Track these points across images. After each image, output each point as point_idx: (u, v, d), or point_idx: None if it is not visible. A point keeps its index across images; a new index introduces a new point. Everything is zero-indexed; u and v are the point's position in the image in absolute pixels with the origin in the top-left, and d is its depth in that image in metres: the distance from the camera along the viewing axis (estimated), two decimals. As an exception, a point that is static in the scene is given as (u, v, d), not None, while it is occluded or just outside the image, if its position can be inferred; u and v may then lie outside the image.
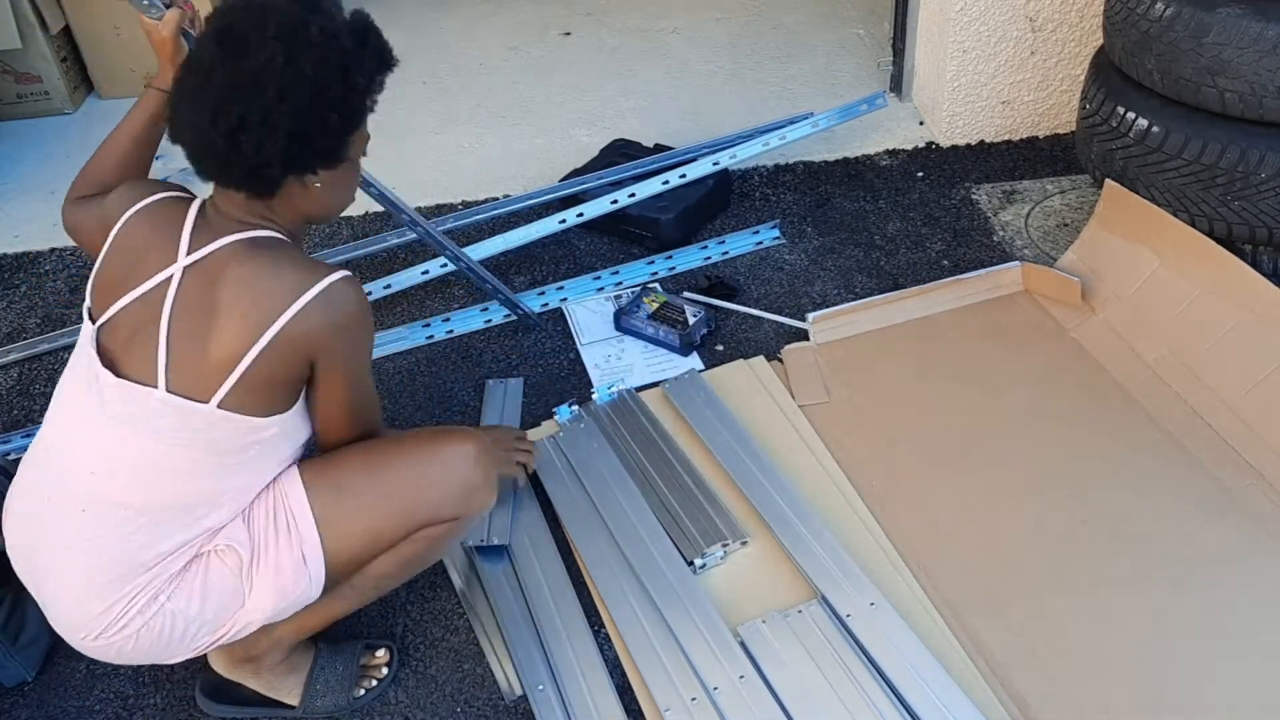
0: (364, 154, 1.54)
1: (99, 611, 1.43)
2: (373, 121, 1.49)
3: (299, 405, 1.49)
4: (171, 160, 3.21)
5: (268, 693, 1.68)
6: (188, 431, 1.39)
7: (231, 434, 1.41)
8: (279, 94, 1.34)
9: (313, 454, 1.58)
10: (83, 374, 1.45)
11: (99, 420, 1.42)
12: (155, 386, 1.38)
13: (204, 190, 1.53)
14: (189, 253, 1.42)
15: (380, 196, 1.99)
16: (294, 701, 1.68)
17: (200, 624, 1.48)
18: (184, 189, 1.56)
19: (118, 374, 1.41)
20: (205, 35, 1.39)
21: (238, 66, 1.34)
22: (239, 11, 1.37)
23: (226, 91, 1.34)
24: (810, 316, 2.31)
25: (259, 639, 1.60)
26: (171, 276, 1.41)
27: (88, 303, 1.50)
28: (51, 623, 1.49)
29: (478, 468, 1.58)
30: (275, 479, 1.52)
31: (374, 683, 1.72)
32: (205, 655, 1.67)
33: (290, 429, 1.49)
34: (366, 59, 1.43)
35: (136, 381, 1.39)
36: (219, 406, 1.39)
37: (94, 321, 1.46)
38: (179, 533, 1.43)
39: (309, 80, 1.35)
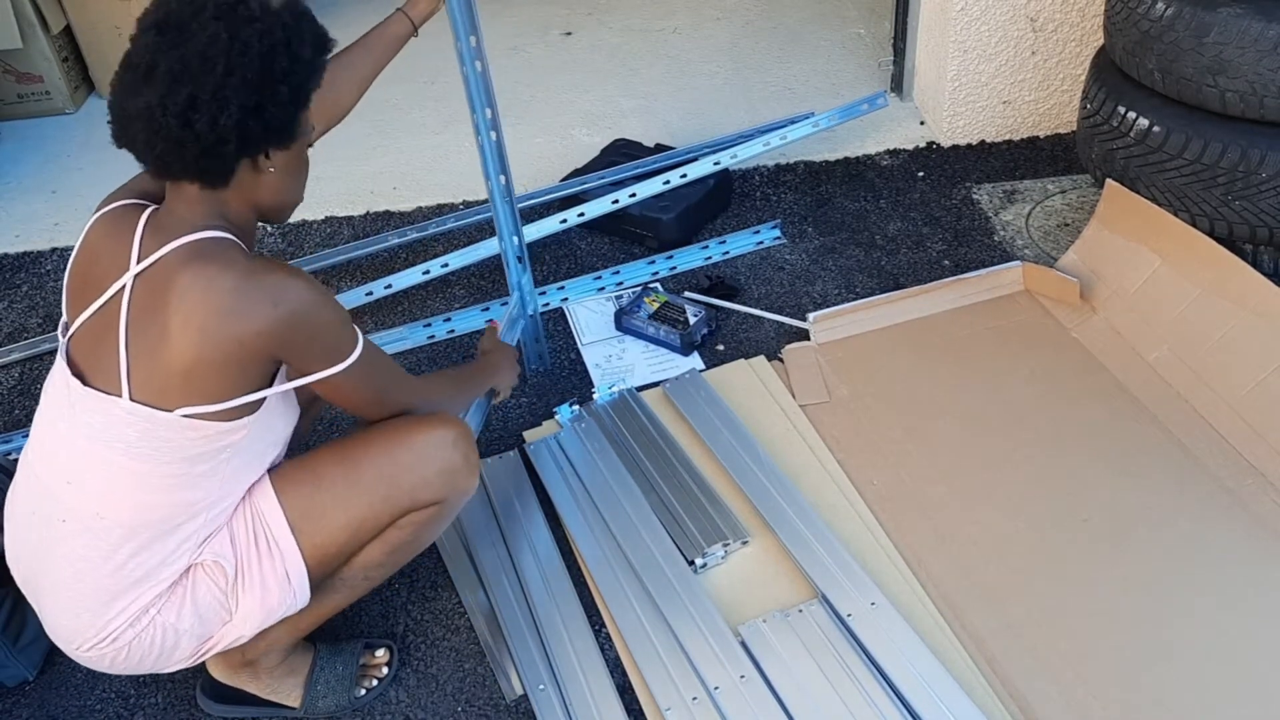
0: (311, 144, 1.53)
1: (89, 623, 1.43)
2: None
3: (269, 405, 1.46)
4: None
5: (269, 696, 1.68)
6: (153, 440, 1.37)
7: (197, 440, 1.39)
8: (227, 68, 1.32)
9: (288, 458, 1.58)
10: (59, 383, 1.44)
11: (71, 430, 1.41)
12: (120, 395, 1.36)
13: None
14: (139, 259, 1.39)
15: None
16: (295, 703, 1.69)
17: (190, 636, 1.48)
18: (145, 198, 1.50)
19: (85, 383, 1.39)
20: (142, 29, 1.36)
21: (183, 50, 1.32)
22: (174, 1, 1.36)
23: (174, 74, 1.32)
24: (811, 316, 2.31)
25: (255, 643, 1.60)
26: (125, 286, 1.38)
27: (64, 313, 1.48)
28: (47, 631, 1.49)
29: (456, 450, 1.57)
30: (250, 495, 1.51)
31: (374, 682, 1.72)
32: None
33: (260, 430, 1.46)
34: (305, 34, 1.42)
35: (102, 391, 1.37)
36: (182, 415, 1.36)
37: (64, 333, 1.46)
38: (159, 543, 1.42)
39: (256, 53, 1.34)
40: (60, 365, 1.44)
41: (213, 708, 1.70)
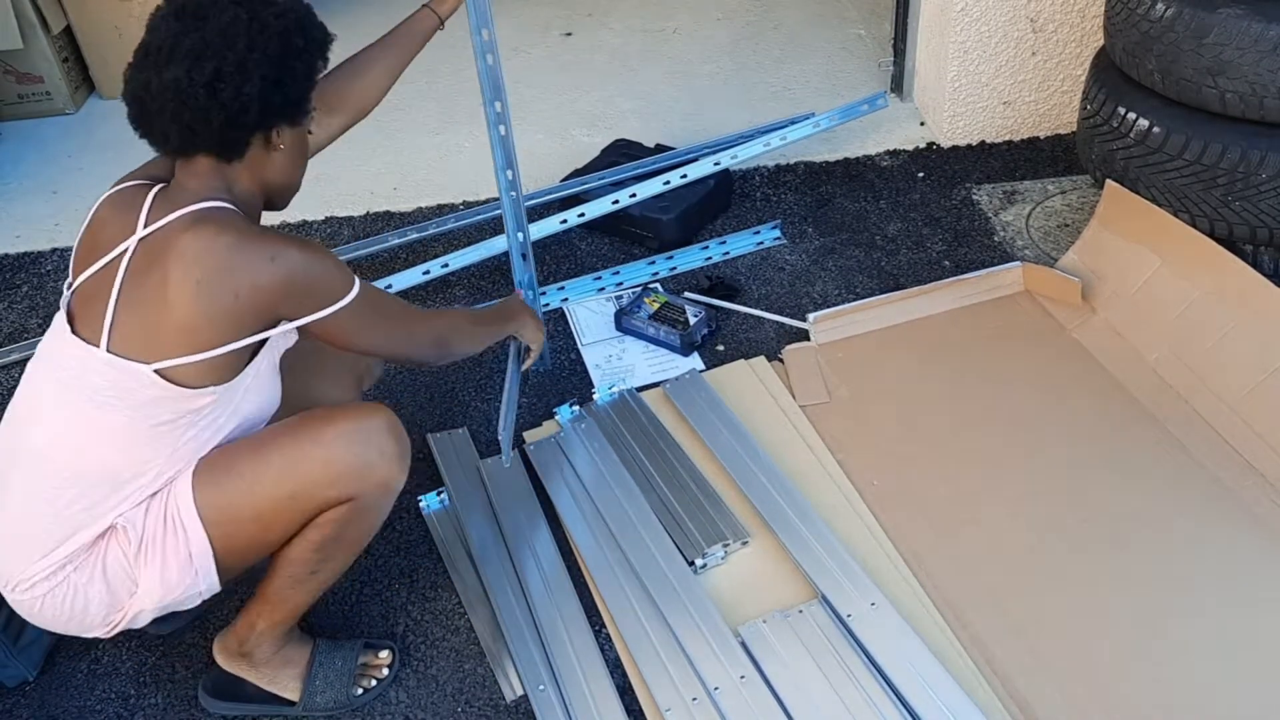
0: (310, 130, 1.61)
1: (20, 564, 1.47)
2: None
3: (239, 380, 1.48)
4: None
5: (267, 686, 1.69)
6: (120, 392, 1.42)
7: (162, 400, 1.43)
8: (249, 44, 1.42)
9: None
10: (52, 333, 1.52)
11: (48, 373, 1.50)
12: (98, 346, 1.43)
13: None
14: (145, 226, 1.46)
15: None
16: (293, 696, 1.69)
17: (99, 603, 1.50)
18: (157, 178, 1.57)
19: (74, 332, 1.47)
20: (159, 18, 1.45)
21: (204, 30, 1.42)
22: None
23: (197, 52, 1.41)
24: (811, 316, 2.31)
25: (244, 633, 1.63)
26: (128, 249, 1.45)
27: (70, 276, 1.55)
28: None
29: (369, 445, 1.51)
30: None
31: (374, 682, 1.73)
32: (210, 650, 1.71)
33: (226, 402, 1.49)
34: (313, 20, 1.53)
35: (84, 339, 1.44)
36: (156, 372, 1.41)
37: (68, 289, 1.53)
38: (100, 495, 1.46)
39: (274, 31, 1.45)
40: (59, 317, 1.51)
41: (214, 705, 1.70)
